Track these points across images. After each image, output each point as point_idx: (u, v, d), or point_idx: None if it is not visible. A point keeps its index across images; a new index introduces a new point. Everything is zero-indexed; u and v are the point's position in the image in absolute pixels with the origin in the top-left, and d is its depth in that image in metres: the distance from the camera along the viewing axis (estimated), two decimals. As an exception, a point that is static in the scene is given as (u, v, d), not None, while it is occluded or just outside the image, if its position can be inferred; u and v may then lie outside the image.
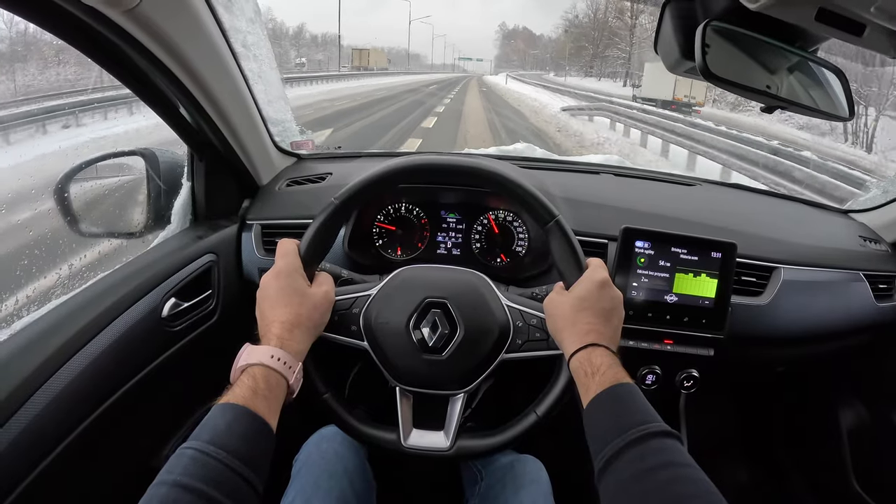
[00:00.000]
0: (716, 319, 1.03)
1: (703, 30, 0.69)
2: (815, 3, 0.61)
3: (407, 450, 0.83)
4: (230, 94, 1.01)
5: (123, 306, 0.87)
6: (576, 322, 0.74)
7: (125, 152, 1.12)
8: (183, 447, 0.57)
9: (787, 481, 1.55)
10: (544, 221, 0.82)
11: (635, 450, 0.60)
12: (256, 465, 0.59)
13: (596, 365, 0.69)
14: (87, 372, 0.78)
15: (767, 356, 1.24)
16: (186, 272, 1.00)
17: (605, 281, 0.77)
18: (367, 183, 0.83)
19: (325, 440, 0.96)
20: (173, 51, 0.83)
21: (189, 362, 0.99)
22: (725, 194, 1.46)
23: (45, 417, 0.71)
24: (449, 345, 0.82)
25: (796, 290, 1.13)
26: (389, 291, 0.86)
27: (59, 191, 1.02)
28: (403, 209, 1.18)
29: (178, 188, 1.13)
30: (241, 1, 1.09)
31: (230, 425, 0.59)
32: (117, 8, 0.70)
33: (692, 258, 1.01)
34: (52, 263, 1.06)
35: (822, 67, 0.81)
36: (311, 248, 0.80)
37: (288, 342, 0.70)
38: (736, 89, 0.75)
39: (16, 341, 0.76)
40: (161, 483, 0.53)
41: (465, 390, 0.84)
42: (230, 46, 0.99)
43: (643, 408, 0.65)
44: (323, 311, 0.78)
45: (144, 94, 0.91)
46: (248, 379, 0.64)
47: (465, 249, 1.19)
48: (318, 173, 1.29)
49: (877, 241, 1.31)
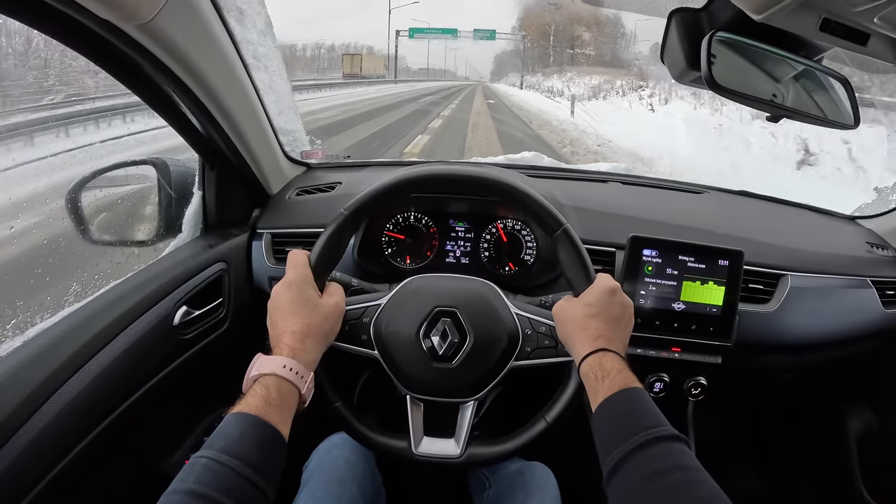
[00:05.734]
0: (723, 327, 1.03)
1: (708, 40, 0.70)
2: (819, 14, 0.62)
3: (418, 457, 0.83)
4: (241, 104, 1.03)
5: (136, 314, 0.88)
6: (586, 327, 0.75)
7: (136, 161, 1.13)
8: (196, 456, 0.58)
9: (795, 489, 1.54)
10: (552, 230, 0.83)
11: (644, 453, 0.60)
12: (268, 474, 0.59)
13: (606, 369, 0.69)
14: (99, 379, 0.79)
15: (775, 363, 1.24)
16: (197, 280, 1.01)
17: (616, 288, 0.78)
18: (377, 194, 0.83)
19: (334, 447, 0.96)
20: (186, 63, 0.84)
21: (200, 369, 1.00)
22: (732, 202, 1.46)
23: (58, 424, 0.72)
24: (459, 353, 0.82)
25: (804, 297, 1.13)
26: (399, 300, 0.87)
27: (71, 199, 1.03)
28: (412, 218, 1.19)
29: (189, 197, 1.14)
30: (252, 13, 1.11)
31: (243, 434, 0.60)
32: (132, 21, 0.71)
33: (699, 266, 1.02)
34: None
35: (827, 76, 0.82)
36: (322, 258, 0.81)
37: (300, 352, 0.70)
38: (742, 99, 0.76)
39: (29, 348, 0.77)
40: (174, 491, 0.54)
41: (475, 398, 0.84)
42: (241, 58, 1.01)
43: (652, 412, 0.65)
44: (334, 321, 0.78)
45: (156, 104, 0.92)
46: (261, 388, 0.65)
47: (473, 258, 1.19)
48: (327, 182, 1.30)
49: (884, 248, 1.31)
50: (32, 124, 3.72)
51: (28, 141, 3.36)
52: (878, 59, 0.69)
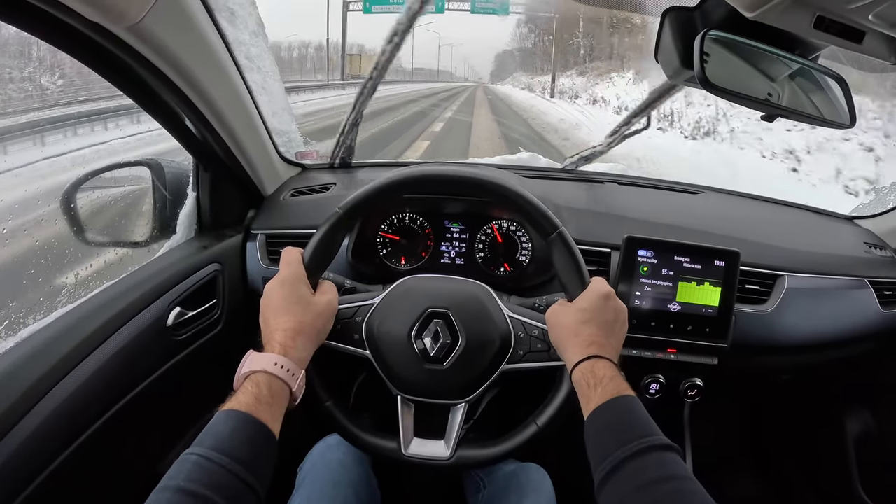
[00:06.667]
0: (720, 328, 1.02)
1: (701, 39, 0.70)
2: (813, 12, 0.62)
3: (407, 458, 0.83)
4: (234, 105, 1.02)
5: (129, 315, 0.88)
6: (578, 333, 0.74)
7: (131, 163, 1.13)
8: (186, 453, 0.58)
9: (793, 490, 1.54)
10: (547, 233, 0.82)
11: (635, 462, 0.60)
12: (259, 471, 0.59)
13: (598, 377, 0.69)
14: (92, 380, 0.79)
15: (772, 364, 1.23)
16: (191, 281, 1.00)
17: (609, 293, 0.77)
18: (372, 193, 0.83)
19: (329, 449, 0.96)
20: (177, 64, 0.84)
21: (194, 370, 1.00)
22: (729, 202, 1.45)
23: (51, 424, 0.72)
24: (450, 355, 0.82)
25: (801, 298, 1.12)
26: (392, 301, 0.86)
27: (65, 201, 1.03)
28: (407, 219, 1.19)
29: (183, 198, 1.14)
30: (244, 14, 1.11)
31: (233, 431, 0.60)
32: (121, 23, 0.71)
33: (695, 267, 1.01)
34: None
35: (823, 74, 0.81)
36: (315, 256, 0.80)
37: (291, 350, 0.70)
38: (736, 98, 0.76)
39: (22, 349, 0.76)
40: (164, 488, 0.54)
41: (466, 400, 0.84)
42: (234, 59, 1.00)
43: (644, 421, 0.65)
44: (326, 320, 0.78)
45: (149, 106, 0.92)
46: (252, 386, 0.65)
47: (468, 259, 1.19)
48: (322, 183, 1.30)
49: (882, 248, 1.30)
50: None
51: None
52: (875, 58, 0.68)
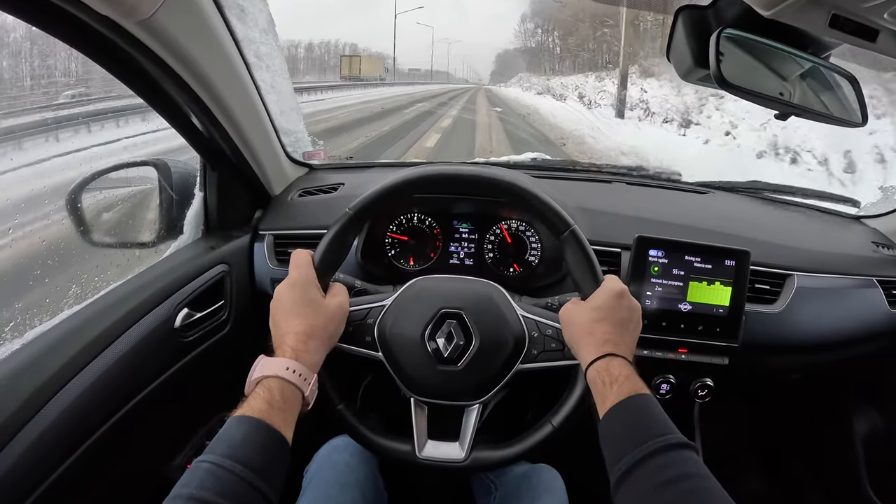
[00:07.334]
0: (730, 328, 1.02)
1: (717, 37, 0.69)
2: (829, 10, 0.61)
3: (422, 461, 0.82)
4: (243, 104, 1.02)
5: (136, 316, 0.87)
6: (593, 332, 0.74)
7: (137, 162, 1.13)
8: (198, 460, 0.57)
9: (801, 490, 1.53)
10: (559, 232, 0.82)
11: (653, 461, 0.59)
12: (272, 478, 0.58)
13: (614, 375, 0.68)
14: (99, 382, 0.78)
15: (782, 364, 1.23)
16: (199, 282, 1.00)
17: (623, 291, 0.77)
18: (382, 193, 0.83)
19: (336, 451, 0.95)
20: (186, 61, 0.84)
21: (201, 372, 0.99)
22: (738, 202, 1.45)
23: (58, 427, 0.71)
24: (464, 356, 0.81)
25: (810, 298, 1.12)
26: (404, 302, 0.86)
27: (71, 201, 1.02)
28: (416, 219, 1.18)
29: (190, 198, 1.13)
30: (254, 11, 1.10)
31: (245, 438, 0.59)
32: (132, 18, 0.70)
33: (706, 266, 1.01)
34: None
35: (835, 73, 0.81)
36: (326, 258, 0.80)
37: (303, 354, 0.69)
38: (749, 97, 0.75)
39: (29, 351, 0.76)
40: (177, 496, 0.53)
41: (481, 401, 0.83)
42: (243, 57, 1.00)
43: (661, 419, 0.64)
44: (338, 322, 0.77)
45: (157, 103, 0.91)
46: (264, 391, 0.64)
47: (477, 259, 1.18)
48: (329, 183, 1.29)
49: (890, 247, 1.30)
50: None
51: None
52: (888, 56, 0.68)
